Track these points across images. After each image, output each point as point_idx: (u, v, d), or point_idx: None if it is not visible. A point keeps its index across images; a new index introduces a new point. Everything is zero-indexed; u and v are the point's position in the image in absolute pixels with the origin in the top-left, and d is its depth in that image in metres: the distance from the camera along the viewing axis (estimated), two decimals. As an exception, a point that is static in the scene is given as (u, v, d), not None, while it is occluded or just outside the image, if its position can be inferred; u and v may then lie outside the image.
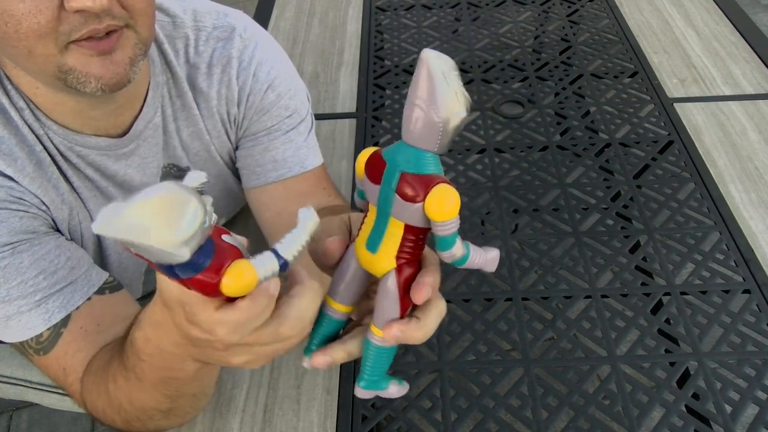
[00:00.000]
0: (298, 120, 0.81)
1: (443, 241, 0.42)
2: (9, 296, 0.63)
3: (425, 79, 0.39)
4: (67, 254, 0.66)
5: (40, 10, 0.55)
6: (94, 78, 0.60)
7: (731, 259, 0.91)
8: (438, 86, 0.39)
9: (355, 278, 0.47)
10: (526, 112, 1.19)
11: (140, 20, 0.61)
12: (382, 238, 0.43)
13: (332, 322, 0.48)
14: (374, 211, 0.44)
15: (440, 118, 0.39)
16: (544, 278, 0.90)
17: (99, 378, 0.63)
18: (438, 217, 0.41)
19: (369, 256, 0.45)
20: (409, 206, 0.41)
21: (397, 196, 0.41)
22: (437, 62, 0.39)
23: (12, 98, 0.66)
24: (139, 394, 0.58)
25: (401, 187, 0.41)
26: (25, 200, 0.65)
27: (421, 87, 0.39)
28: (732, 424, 0.73)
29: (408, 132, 0.41)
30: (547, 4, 1.48)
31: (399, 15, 1.48)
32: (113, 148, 0.72)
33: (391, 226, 0.43)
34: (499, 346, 0.83)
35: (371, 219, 0.44)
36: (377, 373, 0.47)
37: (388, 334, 0.44)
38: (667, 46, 1.32)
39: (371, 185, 0.43)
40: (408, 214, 0.42)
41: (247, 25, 0.79)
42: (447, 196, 0.40)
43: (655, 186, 1.03)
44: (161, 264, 0.35)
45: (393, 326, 0.44)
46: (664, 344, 0.82)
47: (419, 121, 0.40)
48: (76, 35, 0.57)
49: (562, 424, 0.75)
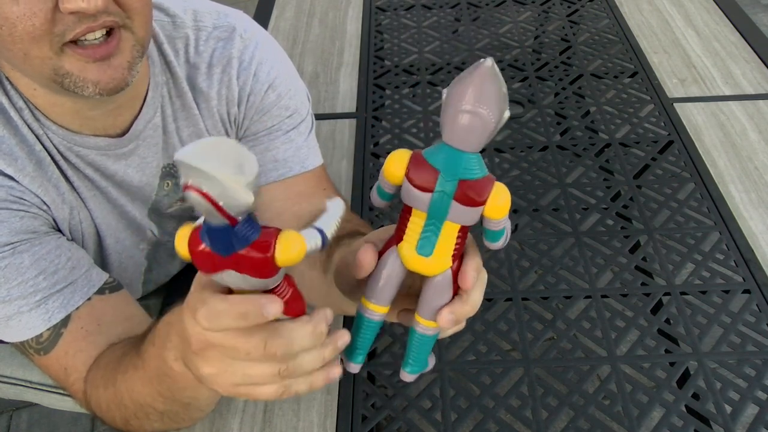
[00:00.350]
0: (299, 120, 0.81)
1: (496, 234, 0.45)
2: (9, 296, 0.63)
3: (485, 83, 0.40)
4: (68, 254, 0.67)
5: (35, 12, 0.54)
6: (92, 83, 0.60)
7: (731, 259, 0.91)
8: (497, 93, 0.40)
9: (394, 280, 0.47)
10: (526, 112, 1.19)
11: (137, 19, 0.61)
12: (436, 242, 0.44)
13: (371, 325, 0.49)
14: (421, 216, 0.44)
15: (496, 121, 0.41)
16: (544, 278, 0.90)
17: (108, 371, 0.63)
18: (497, 215, 0.43)
19: (421, 260, 0.45)
20: (469, 210, 0.43)
21: (455, 203, 0.42)
22: (492, 68, 0.40)
23: (12, 98, 0.66)
24: (139, 386, 0.59)
25: (462, 195, 0.42)
26: (26, 200, 0.65)
27: (482, 93, 0.40)
28: (732, 424, 0.73)
29: (460, 137, 0.41)
30: (547, 4, 1.48)
31: (399, 15, 1.48)
32: (112, 148, 0.72)
33: (446, 228, 0.44)
34: (499, 346, 0.83)
35: (418, 224, 0.44)
36: (422, 358, 0.50)
37: (443, 320, 0.46)
38: (667, 46, 1.32)
39: (417, 192, 0.43)
40: (466, 217, 0.43)
41: (248, 25, 0.79)
42: (505, 196, 0.43)
43: (655, 186, 1.03)
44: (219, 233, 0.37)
45: (443, 312, 0.46)
46: (664, 344, 0.82)
47: (476, 125, 0.41)
48: (71, 35, 0.57)
49: (562, 424, 0.75)
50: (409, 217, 0.45)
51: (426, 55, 1.35)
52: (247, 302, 0.40)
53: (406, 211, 0.45)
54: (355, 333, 0.49)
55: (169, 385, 0.55)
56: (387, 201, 0.47)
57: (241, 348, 0.42)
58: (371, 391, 0.79)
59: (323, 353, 0.44)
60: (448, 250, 0.45)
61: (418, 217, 0.44)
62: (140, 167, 0.75)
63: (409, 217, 0.45)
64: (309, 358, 0.44)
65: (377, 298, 0.48)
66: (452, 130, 0.41)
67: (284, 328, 0.42)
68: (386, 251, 0.47)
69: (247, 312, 0.40)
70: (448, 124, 0.41)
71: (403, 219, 0.45)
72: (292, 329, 0.42)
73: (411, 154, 0.44)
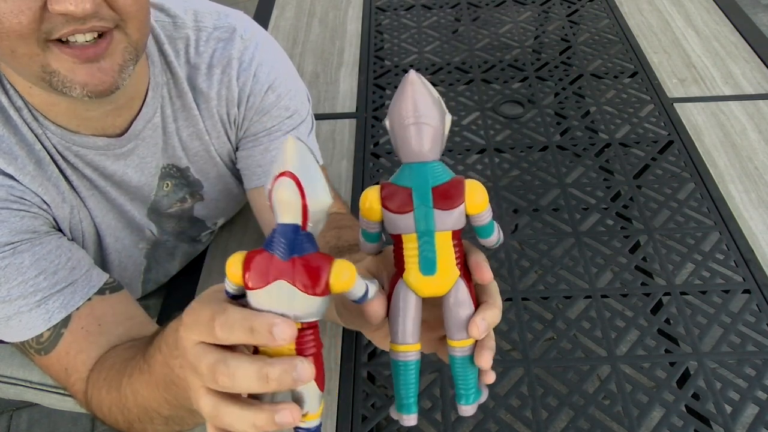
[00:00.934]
0: (299, 120, 0.81)
1: (486, 229, 0.46)
2: (9, 296, 0.63)
3: (416, 94, 0.42)
4: (68, 254, 0.67)
5: (22, 10, 0.54)
6: (79, 84, 0.59)
7: (731, 259, 0.91)
8: (429, 98, 0.43)
9: (413, 312, 0.46)
10: (526, 112, 1.19)
11: (131, 23, 0.60)
12: (436, 256, 0.44)
13: (410, 367, 0.47)
14: (412, 239, 0.44)
15: (441, 123, 0.43)
16: (544, 278, 0.90)
17: (113, 374, 0.63)
18: (479, 209, 0.44)
19: (429, 280, 0.45)
20: (451, 213, 0.43)
21: (437, 211, 0.43)
22: (418, 78, 0.43)
23: (11, 97, 0.66)
24: (144, 391, 0.58)
25: (440, 200, 0.43)
26: (26, 199, 0.65)
27: (417, 103, 0.42)
28: (732, 424, 0.73)
29: (415, 151, 0.43)
30: (547, 4, 1.48)
31: (399, 15, 1.48)
32: (111, 148, 0.72)
33: (439, 239, 0.44)
34: (499, 346, 0.82)
35: (413, 247, 0.44)
36: (471, 385, 0.47)
37: (476, 330, 0.44)
38: (667, 46, 1.32)
39: (398, 216, 0.44)
40: (452, 221, 0.44)
41: (248, 26, 0.79)
42: (479, 188, 0.44)
43: (655, 186, 1.03)
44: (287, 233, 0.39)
45: (475, 322, 0.45)
46: (664, 344, 0.82)
47: (425, 132, 0.43)
48: (57, 34, 0.56)
49: (562, 424, 0.75)
50: (401, 245, 0.45)
51: (426, 55, 1.35)
52: (244, 317, 0.38)
53: (397, 243, 0.45)
54: (397, 383, 0.47)
55: (176, 393, 0.54)
56: (376, 242, 0.47)
57: (198, 366, 0.39)
58: (371, 391, 0.79)
59: (255, 417, 0.38)
60: (450, 261, 0.45)
61: (410, 242, 0.44)
62: (139, 167, 0.75)
63: (402, 246, 0.45)
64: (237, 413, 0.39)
65: (404, 338, 0.46)
66: (406, 146, 0.43)
67: (231, 359, 0.38)
68: (394, 289, 0.46)
69: (235, 323, 0.38)
70: (401, 143, 0.43)
71: (398, 251, 0.45)
72: (238, 362, 0.38)
73: (380, 186, 0.45)
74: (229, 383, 0.38)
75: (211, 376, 0.39)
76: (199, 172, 0.81)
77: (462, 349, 0.46)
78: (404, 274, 0.45)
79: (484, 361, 0.45)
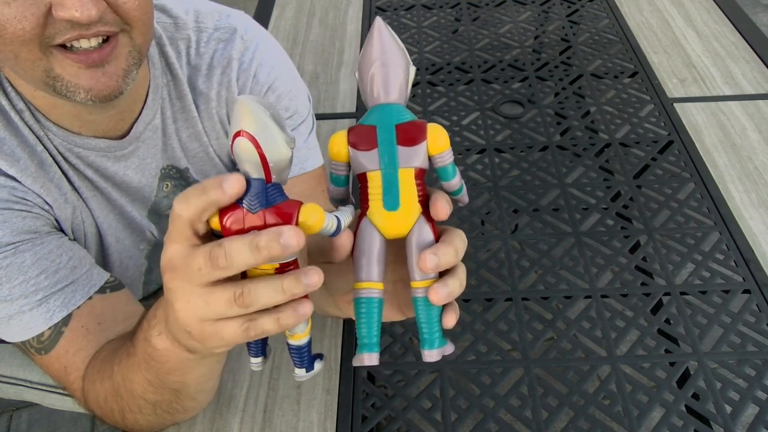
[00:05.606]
0: (299, 121, 0.81)
1: (447, 171, 0.47)
2: (11, 295, 0.63)
3: (381, 38, 0.45)
4: (69, 254, 0.67)
5: (25, 16, 0.54)
6: (84, 89, 0.59)
7: (731, 259, 0.91)
8: (394, 44, 0.45)
9: (380, 251, 0.47)
10: (526, 112, 1.19)
11: (136, 27, 0.60)
12: (399, 192, 0.46)
13: (372, 304, 0.47)
14: (377, 175, 0.46)
15: (405, 66, 0.46)
16: (544, 278, 0.91)
17: (105, 364, 0.63)
18: (440, 149, 0.46)
19: (392, 216, 0.46)
20: (414, 150, 0.45)
21: (400, 147, 0.45)
22: (384, 25, 0.45)
23: (12, 100, 0.66)
24: (130, 373, 0.59)
25: (402, 137, 0.45)
26: (28, 200, 0.66)
27: (384, 46, 0.45)
28: (732, 424, 0.73)
29: (380, 91, 0.46)
30: (547, 4, 1.48)
31: (399, 15, 1.48)
32: (112, 150, 0.72)
33: (402, 176, 0.45)
34: (499, 346, 0.83)
35: (377, 185, 0.46)
36: (435, 329, 0.48)
37: (423, 264, 0.45)
38: (667, 46, 1.32)
39: (365, 153, 0.46)
40: (415, 158, 0.45)
41: (249, 27, 0.79)
42: (440, 129, 0.46)
43: (655, 186, 1.03)
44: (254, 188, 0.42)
45: (424, 255, 0.45)
46: (664, 344, 0.82)
47: (389, 74, 0.45)
48: (60, 39, 0.56)
49: (562, 424, 0.75)
50: (366, 185, 0.46)
51: (426, 55, 1.35)
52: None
53: (363, 183, 0.47)
54: (359, 322, 0.47)
55: (156, 368, 0.55)
56: (343, 186, 0.49)
57: (192, 264, 0.42)
58: (371, 391, 0.79)
59: (281, 282, 0.42)
60: (412, 197, 0.46)
61: (374, 179, 0.46)
62: (139, 168, 0.76)
63: (367, 185, 0.46)
64: (264, 284, 0.42)
65: (369, 275, 0.47)
66: (372, 89, 0.46)
67: (224, 240, 0.41)
68: (358, 228, 0.47)
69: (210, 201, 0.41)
70: (368, 87, 0.46)
71: (363, 190, 0.47)
72: (230, 241, 0.41)
73: (347, 129, 0.47)
74: (226, 262, 0.41)
75: (209, 263, 0.41)
76: (199, 173, 0.81)
77: (424, 290, 0.47)
78: (368, 211, 0.47)
79: (434, 294, 0.45)
